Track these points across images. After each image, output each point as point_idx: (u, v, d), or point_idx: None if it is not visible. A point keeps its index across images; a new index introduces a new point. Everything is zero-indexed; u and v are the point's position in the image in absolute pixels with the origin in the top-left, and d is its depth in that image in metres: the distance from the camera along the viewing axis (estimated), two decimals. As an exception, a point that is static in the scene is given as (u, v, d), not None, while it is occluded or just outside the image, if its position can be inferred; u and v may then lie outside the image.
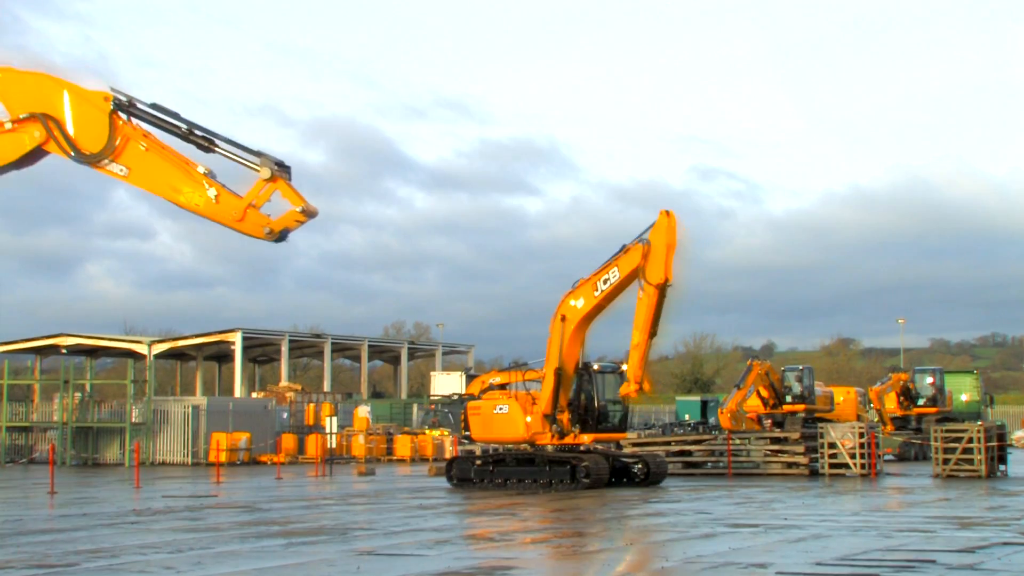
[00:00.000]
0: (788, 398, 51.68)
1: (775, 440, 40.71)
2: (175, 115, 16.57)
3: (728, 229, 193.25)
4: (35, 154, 16.82)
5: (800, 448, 39.36)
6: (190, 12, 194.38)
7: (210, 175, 16.45)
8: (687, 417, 69.40)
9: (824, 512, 24.19)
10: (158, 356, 77.22)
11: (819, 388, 54.91)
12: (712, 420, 62.72)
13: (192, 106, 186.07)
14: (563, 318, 32.58)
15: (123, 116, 16.46)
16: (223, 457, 46.45)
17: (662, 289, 31.05)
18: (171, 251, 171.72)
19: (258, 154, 16.39)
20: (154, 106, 16.59)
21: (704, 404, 71.68)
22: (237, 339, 74.19)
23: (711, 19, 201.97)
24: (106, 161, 16.47)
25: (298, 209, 16.53)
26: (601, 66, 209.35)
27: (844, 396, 57.12)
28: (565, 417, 32.89)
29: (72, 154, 16.45)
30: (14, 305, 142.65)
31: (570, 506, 26.08)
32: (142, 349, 75.12)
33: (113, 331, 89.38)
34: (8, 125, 16.61)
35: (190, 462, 50.61)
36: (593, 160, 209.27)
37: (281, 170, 16.41)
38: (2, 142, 16.75)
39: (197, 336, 76.81)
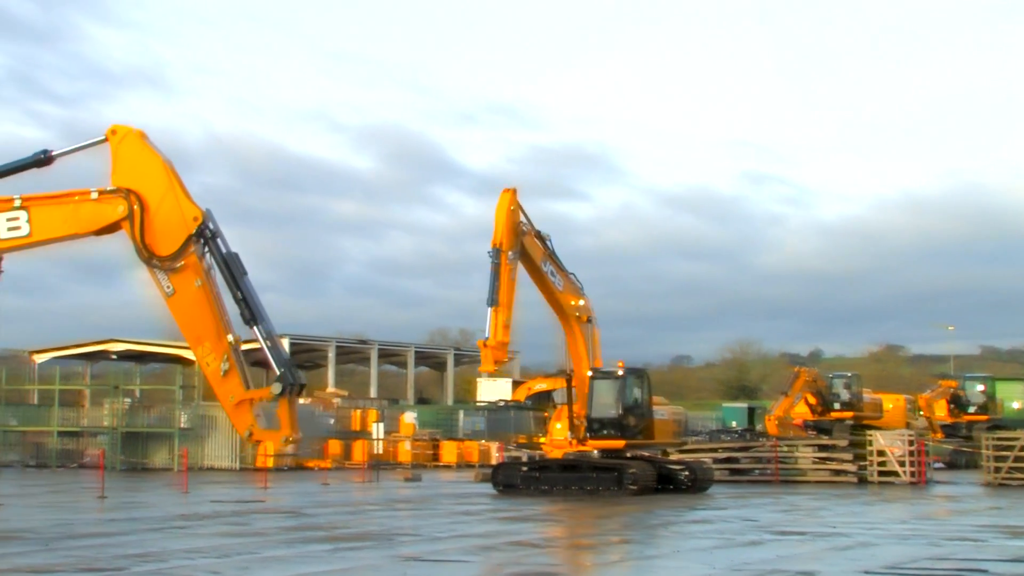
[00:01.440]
0: (836, 405, 51.36)
1: (822, 447, 40.43)
2: (242, 274, 16.56)
3: (778, 235, 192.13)
4: (110, 228, 16.98)
5: (848, 455, 39.07)
6: (246, 19, 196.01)
7: (234, 347, 16.45)
8: (733, 424, 69.04)
9: (872, 520, 23.98)
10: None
11: (867, 395, 54.54)
12: (759, 427, 62.38)
13: (245, 112, 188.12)
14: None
15: (199, 243, 16.50)
16: (269, 462, 46.67)
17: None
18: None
19: (287, 364, 16.39)
20: (230, 255, 16.60)
21: (751, 411, 71.28)
22: (284, 344, 74.41)
23: (763, 23, 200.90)
24: (160, 271, 16.56)
25: (282, 439, 16.67)
26: (653, 71, 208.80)
27: (893, 403, 56.67)
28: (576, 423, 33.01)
29: (140, 244, 16.53)
30: (65, 311, 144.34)
31: (616, 513, 26.00)
32: (190, 355, 75.56)
33: (161, 337, 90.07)
34: (94, 195, 16.78)
35: (237, 467, 50.92)
36: (643, 166, 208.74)
37: (294, 389, 16.46)
38: (86, 210, 16.92)
39: (244, 342, 77.06)
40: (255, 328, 16.40)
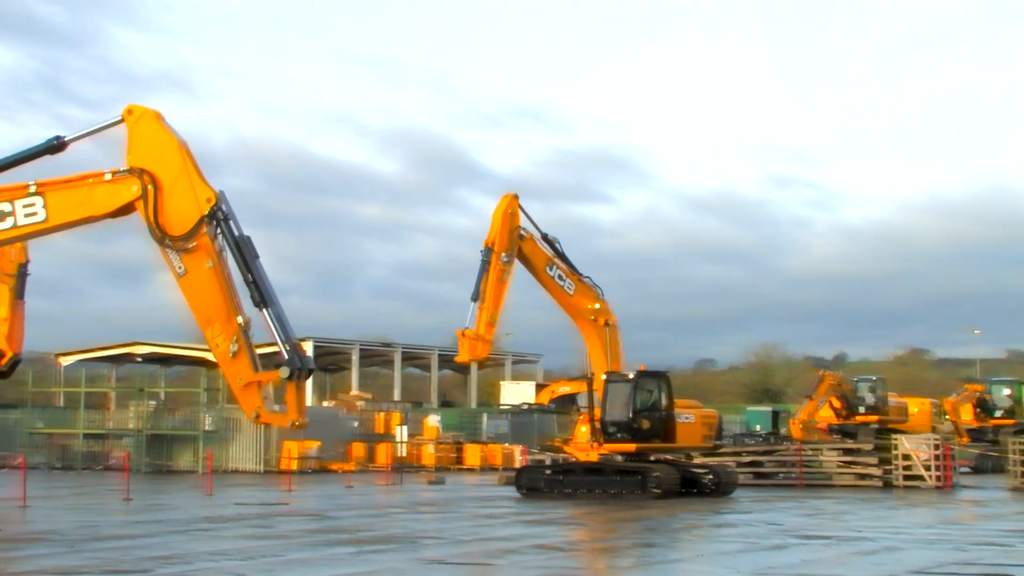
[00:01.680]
0: (861, 409, 51.18)
1: (847, 451, 40.27)
2: (253, 257, 16.58)
3: (803, 238, 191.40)
4: (125, 209, 17.03)
5: (873, 459, 38.90)
6: (272, 22, 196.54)
7: (244, 329, 16.46)
8: (757, 427, 68.86)
9: (897, 524, 23.87)
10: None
11: (892, 399, 54.30)
12: (783, 430, 62.17)
13: (271, 115, 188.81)
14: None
15: (211, 224, 16.53)
16: (294, 465, 46.79)
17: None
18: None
19: (295, 347, 16.40)
20: (242, 238, 16.62)
21: (775, 414, 71.07)
22: (308, 348, 74.77)
23: (788, 26, 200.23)
24: (173, 251, 16.59)
25: (289, 422, 16.69)
26: (678, 73, 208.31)
27: (918, 407, 56.41)
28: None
29: (153, 224, 16.57)
30: (92, 314, 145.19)
31: (639, 516, 25.96)
32: (214, 358, 75.94)
33: (186, 340, 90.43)
34: (108, 176, 16.85)
35: (261, 470, 51.04)
36: (668, 169, 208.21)
37: (302, 374, 16.46)
38: (101, 192, 16.99)
39: (267, 345, 77.32)
40: (264, 311, 16.40)
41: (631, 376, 33.27)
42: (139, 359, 76.87)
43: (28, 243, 36.58)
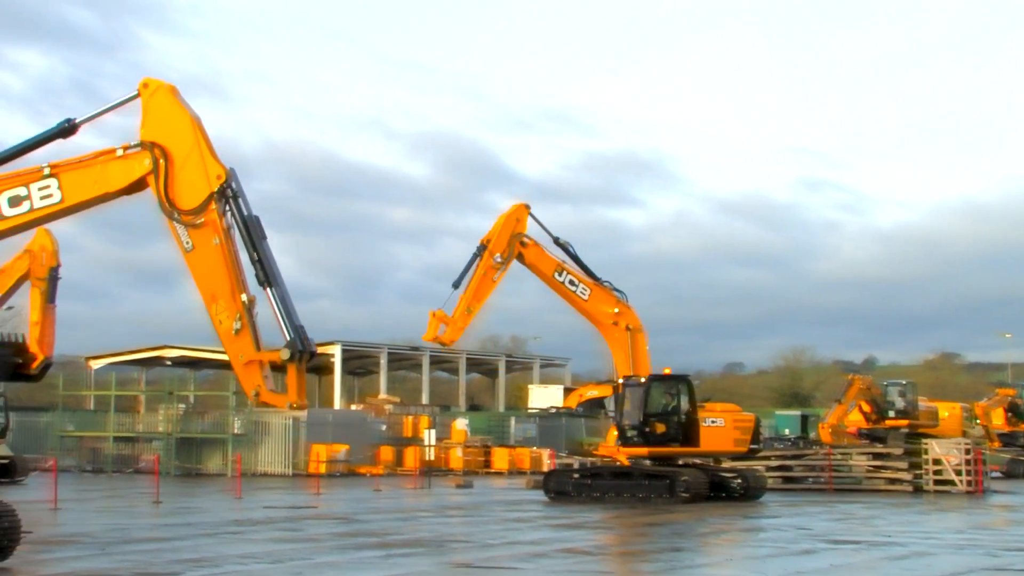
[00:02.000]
0: (890, 413, 50.92)
1: (877, 455, 40.05)
2: (261, 238, 16.57)
3: (834, 242, 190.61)
4: (139, 184, 17.08)
5: (903, 464, 38.67)
6: (303, 28, 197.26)
7: (248, 307, 16.46)
8: (786, 431, 68.61)
9: (928, 529, 23.74)
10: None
11: (922, 403, 54.01)
12: (812, 435, 61.93)
13: (301, 119, 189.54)
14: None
15: (221, 201, 16.55)
16: (322, 468, 46.91)
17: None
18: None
19: (298, 329, 16.39)
20: (250, 218, 16.62)
21: (804, 418, 70.81)
22: (336, 352, 74.96)
23: (819, 28, 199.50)
24: (181, 225, 16.62)
25: (288, 404, 16.71)
26: (708, 76, 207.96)
27: (949, 411, 56.08)
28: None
29: (163, 197, 16.60)
30: (123, 317, 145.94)
31: (668, 520, 25.91)
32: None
33: (215, 343, 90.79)
34: (120, 152, 16.93)
35: (290, 473, 51.18)
36: (698, 172, 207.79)
37: (303, 356, 16.44)
38: (114, 168, 17.06)
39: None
40: (268, 291, 16.37)
41: (642, 380, 33.23)
42: (168, 362, 77.27)
43: (59, 247, 36.93)
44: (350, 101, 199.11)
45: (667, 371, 33.80)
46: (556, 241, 33.73)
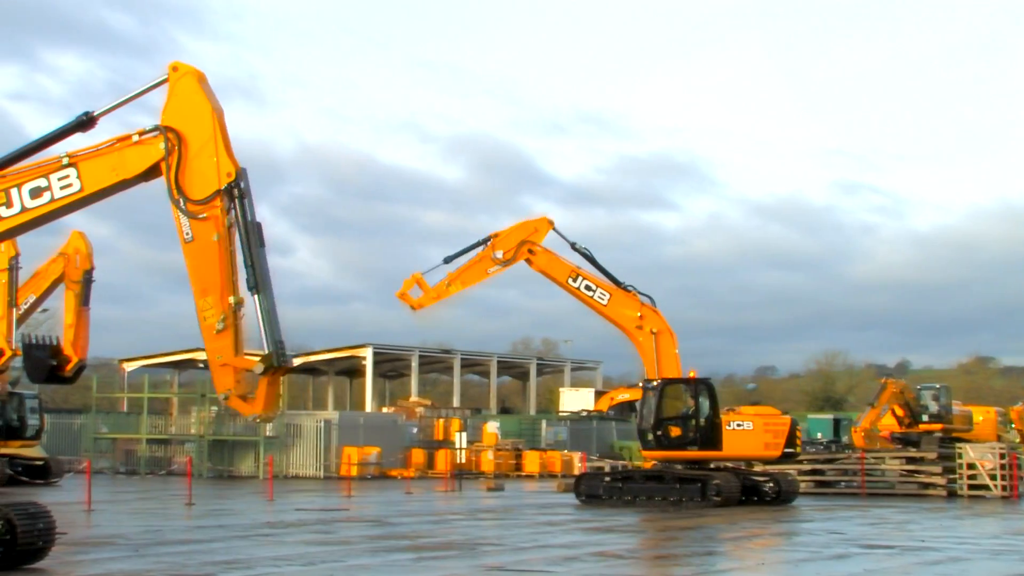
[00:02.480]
0: (924, 417, 50.53)
1: (911, 460, 39.80)
2: (259, 244, 16.48)
3: (869, 245, 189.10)
4: (155, 170, 17.07)
5: (937, 468, 38.40)
6: (339, 31, 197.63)
7: (235, 308, 16.40)
8: (819, 435, 68.27)
9: (962, 534, 23.57)
10: (290, 371, 78.58)
11: (956, 407, 53.62)
12: (844, 438, 61.59)
13: (336, 123, 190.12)
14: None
15: (228, 198, 16.50)
16: (354, 471, 47.03)
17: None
18: (310, 267, 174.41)
19: (277, 344, 16.31)
20: (253, 222, 16.54)
21: (836, 422, 70.43)
22: (368, 354, 75.14)
23: (855, 30, 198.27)
24: (185, 213, 16.57)
25: (252, 415, 16.67)
26: (743, 79, 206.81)
27: (983, 416, 55.65)
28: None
29: (173, 183, 16.54)
30: (158, 320, 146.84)
31: (700, 524, 25.82)
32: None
33: (247, 346, 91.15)
34: (136, 138, 16.92)
35: (322, 475, 51.35)
36: (733, 175, 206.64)
37: (278, 369, 16.39)
38: (131, 154, 17.06)
39: (328, 351, 78.01)
40: (256, 297, 16.31)
41: (654, 384, 33.18)
42: (201, 365, 77.53)
43: (93, 250, 37.19)
44: (385, 104, 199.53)
45: (692, 374, 33.67)
46: (574, 247, 34.10)
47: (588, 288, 33.76)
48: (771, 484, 33.44)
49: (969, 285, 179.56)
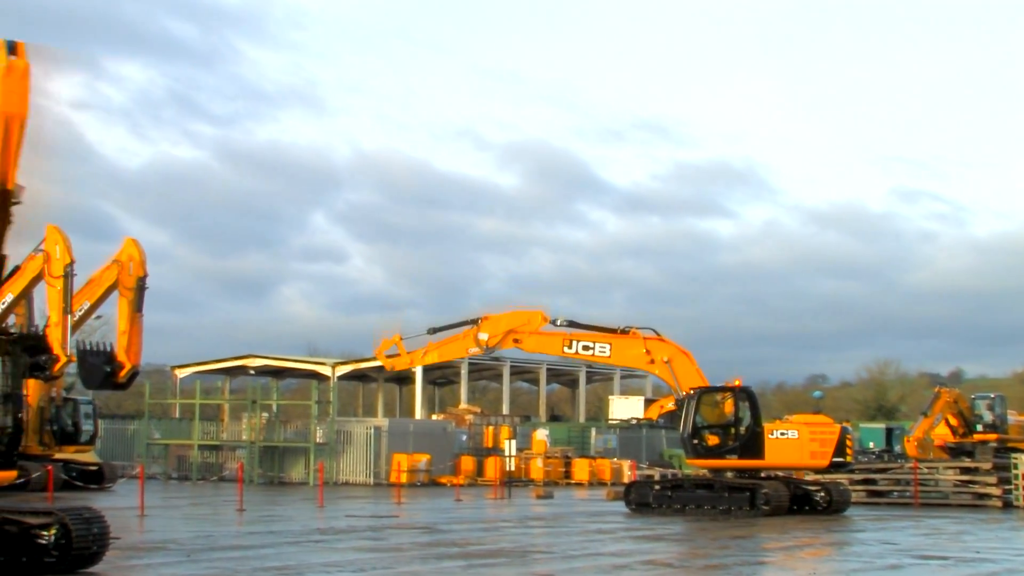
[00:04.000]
0: (978, 427, 49.98)
1: (965, 470, 39.34)
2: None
3: (928, 252, 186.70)
4: None
5: (992, 479, 37.91)
6: (399, 39, 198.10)
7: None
8: (871, 444, 67.70)
9: (1019, 546, 23.28)
10: (341, 378, 78.89)
11: (1012, 417, 52.97)
12: (897, 448, 61.02)
13: (393, 130, 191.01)
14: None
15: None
16: (403, 478, 47.13)
17: None
18: (363, 274, 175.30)
19: None
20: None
21: (889, 431, 69.82)
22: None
23: (914, 37, 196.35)
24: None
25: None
26: (801, 85, 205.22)
27: (1039, 426, 54.89)
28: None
29: None
30: (213, 326, 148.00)
31: (750, 533, 25.67)
32: (325, 371, 76.86)
33: (299, 352, 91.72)
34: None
35: (372, 482, 51.51)
36: (790, 182, 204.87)
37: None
38: None
39: (363, 361, 78.27)
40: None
41: (682, 393, 33.04)
42: (252, 372, 78.12)
43: (147, 258, 37.53)
44: (442, 111, 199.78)
45: (738, 382, 33.50)
46: (554, 323, 34.09)
47: (586, 348, 33.93)
48: (823, 493, 33.15)
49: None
